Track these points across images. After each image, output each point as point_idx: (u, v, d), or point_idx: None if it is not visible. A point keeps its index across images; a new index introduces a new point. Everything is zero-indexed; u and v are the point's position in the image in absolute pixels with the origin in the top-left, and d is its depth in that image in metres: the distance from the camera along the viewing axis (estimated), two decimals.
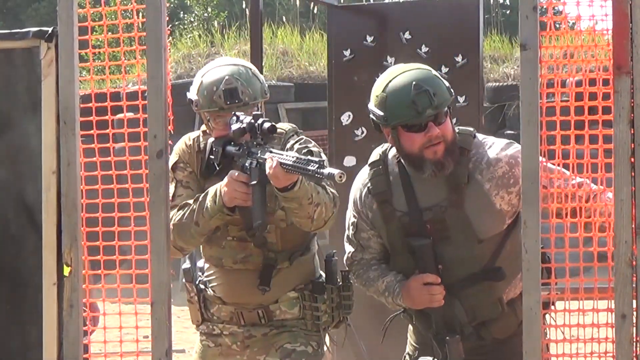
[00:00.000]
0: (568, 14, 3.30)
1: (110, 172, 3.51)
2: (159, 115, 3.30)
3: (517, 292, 3.64)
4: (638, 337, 3.11)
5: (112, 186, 3.50)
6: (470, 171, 3.60)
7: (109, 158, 3.50)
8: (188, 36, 16.54)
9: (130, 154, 3.44)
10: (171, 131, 3.38)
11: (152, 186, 3.32)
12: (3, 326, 3.47)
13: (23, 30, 3.43)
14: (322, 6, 11.93)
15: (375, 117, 3.62)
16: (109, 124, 3.45)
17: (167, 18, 3.34)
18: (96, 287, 3.41)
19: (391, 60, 6.74)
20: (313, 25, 15.73)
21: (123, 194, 3.48)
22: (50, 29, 3.36)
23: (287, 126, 3.97)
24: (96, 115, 3.46)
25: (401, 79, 3.58)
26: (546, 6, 3.27)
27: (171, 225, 3.61)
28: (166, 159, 3.29)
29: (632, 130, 3.07)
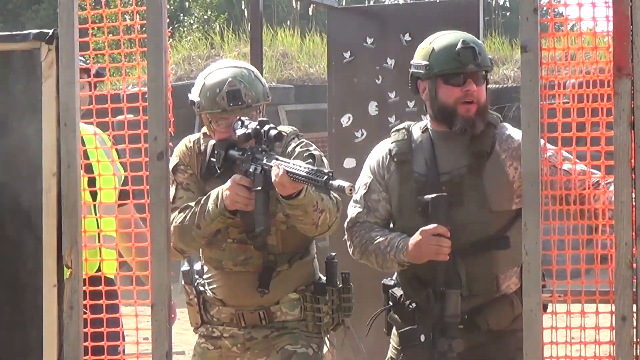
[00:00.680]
0: (568, 16, 3.30)
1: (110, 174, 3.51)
2: (160, 117, 3.30)
3: (511, 287, 3.73)
4: (638, 339, 3.11)
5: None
6: (493, 143, 3.72)
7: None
8: (188, 38, 16.55)
9: (130, 156, 3.44)
10: (172, 133, 3.38)
11: (153, 188, 3.32)
12: (3, 328, 3.47)
13: (24, 32, 3.43)
14: (322, 8, 11.93)
15: (416, 69, 3.76)
16: (110, 126, 3.45)
17: (168, 20, 3.34)
18: (97, 289, 3.41)
19: (391, 62, 6.75)
20: (313, 27, 15.73)
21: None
22: (51, 31, 3.36)
23: (288, 129, 3.98)
24: (96, 117, 3.46)
25: (450, 35, 3.76)
26: (547, 8, 3.27)
27: (172, 227, 3.61)
28: (167, 161, 3.29)
29: (633, 132, 3.07)
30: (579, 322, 3.24)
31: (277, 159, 3.63)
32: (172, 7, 20.52)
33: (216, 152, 3.88)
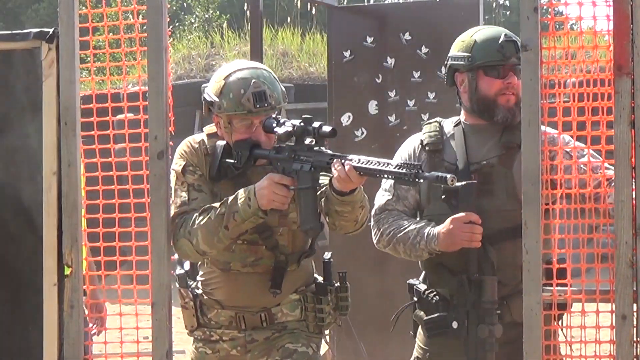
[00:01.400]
0: (569, 15, 3.30)
1: (110, 173, 3.51)
2: (160, 116, 3.30)
3: None
4: (638, 338, 3.11)
5: (113, 187, 3.50)
6: None
7: (110, 159, 3.51)
8: (188, 37, 16.54)
9: (131, 155, 3.44)
10: (172, 132, 3.37)
11: (153, 187, 3.32)
12: (4, 327, 3.47)
13: (24, 31, 3.43)
14: (322, 7, 11.94)
15: (455, 61, 3.80)
16: (110, 125, 3.45)
17: (168, 19, 3.34)
18: (97, 288, 3.41)
19: (391, 61, 6.75)
20: (313, 26, 15.73)
21: (124, 195, 3.48)
22: (51, 30, 3.37)
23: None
24: (97, 116, 3.46)
25: (491, 29, 3.85)
26: (547, 7, 3.28)
27: (193, 229, 3.60)
28: (167, 160, 3.28)
29: (633, 131, 3.07)
30: (579, 322, 3.24)
31: (334, 155, 3.63)
32: (174, 7, 20.54)
33: (237, 153, 3.83)
